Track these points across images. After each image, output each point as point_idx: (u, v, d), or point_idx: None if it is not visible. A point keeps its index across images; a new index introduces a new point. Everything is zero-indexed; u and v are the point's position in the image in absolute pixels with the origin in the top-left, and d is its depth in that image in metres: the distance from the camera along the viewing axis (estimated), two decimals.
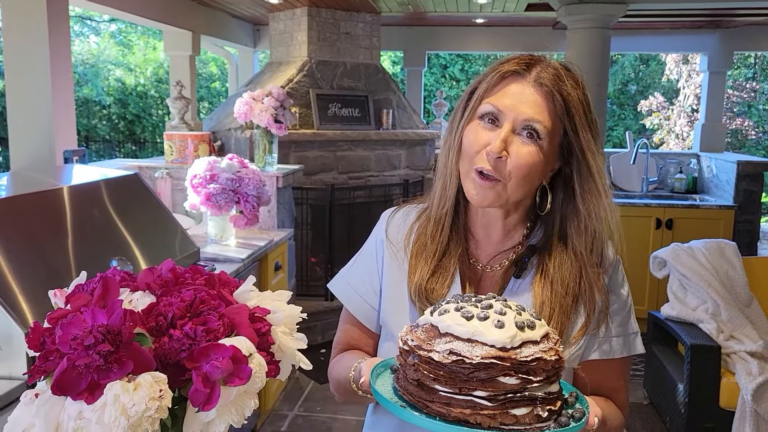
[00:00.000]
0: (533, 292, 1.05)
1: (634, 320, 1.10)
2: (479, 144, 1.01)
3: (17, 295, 1.54)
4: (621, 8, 3.78)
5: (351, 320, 1.17)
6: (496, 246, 1.10)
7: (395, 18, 5.19)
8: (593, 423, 0.86)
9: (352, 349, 1.17)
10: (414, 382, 0.81)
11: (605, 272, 1.07)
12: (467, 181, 1.03)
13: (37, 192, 1.90)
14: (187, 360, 0.65)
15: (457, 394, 0.78)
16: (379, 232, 1.17)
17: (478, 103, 1.03)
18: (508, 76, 1.02)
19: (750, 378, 2.75)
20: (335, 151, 4.48)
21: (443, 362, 0.78)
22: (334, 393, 1.15)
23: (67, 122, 2.89)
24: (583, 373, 1.06)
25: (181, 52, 4.45)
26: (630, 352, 1.08)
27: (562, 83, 1.00)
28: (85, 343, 0.62)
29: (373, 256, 1.16)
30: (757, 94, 11.29)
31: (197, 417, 0.66)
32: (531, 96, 1.00)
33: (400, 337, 0.86)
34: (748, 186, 4.66)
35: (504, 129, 0.99)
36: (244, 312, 0.71)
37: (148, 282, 0.73)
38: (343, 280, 1.19)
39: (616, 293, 1.08)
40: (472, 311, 0.80)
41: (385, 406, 0.84)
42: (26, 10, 2.70)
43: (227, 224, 2.90)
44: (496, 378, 0.77)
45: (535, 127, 0.99)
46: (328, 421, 3.25)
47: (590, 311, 1.03)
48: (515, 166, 0.99)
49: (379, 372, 0.92)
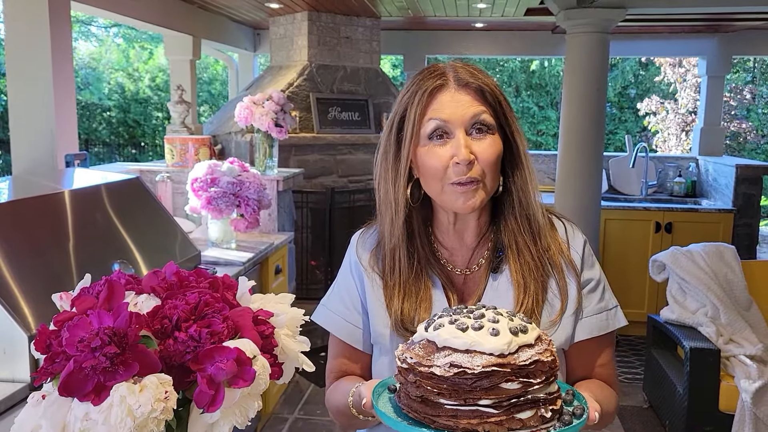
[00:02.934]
0: (512, 277, 1.08)
1: (611, 295, 1.14)
2: (443, 160, 1.03)
3: (19, 299, 1.55)
4: (620, 13, 3.79)
5: (339, 346, 1.18)
6: (470, 248, 1.13)
7: (395, 22, 5.20)
8: (594, 418, 0.88)
9: (346, 376, 1.17)
10: (418, 398, 0.82)
11: (575, 252, 1.11)
12: (447, 196, 1.05)
13: (38, 196, 1.91)
14: (192, 362, 0.66)
15: (463, 405, 0.79)
16: (351, 255, 1.19)
17: (418, 127, 1.04)
18: (434, 92, 1.04)
19: (749, 381, 2.75)
20: (335, 155, 4.49)
21: (445, 376, 0.79)
22: (335, 420, 1.16)
23: (69, 126, 2.90)
24: (572, 354, 1.10)
25: (182, 56, 4.46)
26: (614, 326, 1.12)
27: (479, 74, 1.06)
28: (91, 345, 0.63)
29: (350, 278, 1.17)
30: (756, 97, 11.32)
31: (202, 418, 0.67)
32: (464, 97, 1.04)
33: (398, 356, 0.86)
34: (747, 189, 4.67)
35: (459, 136, 1.02)
36: (247, 315, 0.72)
37: (153, 285, 0.74)
38: (324, 308, 1.20)
39: (589, 271, 1.12)
40: (466, 322, 0.81)
41: (392, 426, 0.84)
42: (28, 14, 2.71)
43: (228, 228, 2.91)
44: (498, 385, 0.78)
45: (483, 119, 1.03)
46: (328, 424, 3.26)
47: (563, 287, 1.08)
48: (486, 163, 1.03)
49: (379, 392, 0.92)
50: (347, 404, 1.03)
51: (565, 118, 4.03)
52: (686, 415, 2.90)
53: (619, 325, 1.13)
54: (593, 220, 4.03)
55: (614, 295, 1.15)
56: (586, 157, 3.95)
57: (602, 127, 4.01)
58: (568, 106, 4.00)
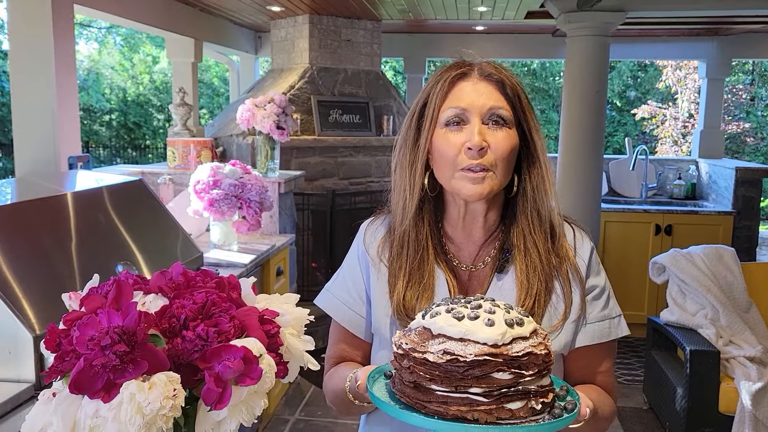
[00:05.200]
0: (516, 276, 1.08)
1: (615, 303, 1.14)
2: (456, 146, 1.04)
3: (23, 300, 1.56)
4: (620, 16, 3.80)
5: (340, 332, 1.18)
6: (477, 244, 1.12)
7: (396, 25, 5.22)
8: (585, 413, 0.89)
9: (345, 362, 1.18)
10: (410, 384, 0.83)
11: (581, 259, 1.11)
12: (456, 182, 1.05)
13: (41, 198, 1.92)
14: (200, 360, 0.67)
15: (454, 392, 0.80)
16: (358, 245, 1.19)
17: (437, 112, 1.06)
18: (456, 80, 1.07)
19: (749, 383, 2.76)
20: (336, 157, 4.50)
21: (438, 362, 0.80)
22: (331, 405, 1.16)
23: (71, 128, 2.91)
24: (571, 359, 1.10)
25: (184, 58, 4.48)
26: (616, 335, 1.12)
27: (503, 70, 1.08)
28: (101, 344, 0.64)
29: (357, 266, 1.17)
30: (756, 100, 11.33)
31: (209, 416, 0.68)
32: (485, 88, 1.05)
33: (394, 341, 0.87)
34: (746, 192, 4.68)
35: (474, 122, 1.03)
36: (254, 314, 0.73)
37: (161, 285, 0.75)
38: (328, 293, 1.20)
39: (594, 278, 1.12)
40: (463, 312, 0.82)
41: (384, 409, 0.85)
42: (32, 17, 2.73)
43: (230, 230, 2.92)
44: (490, 374, 0.79)
45: (500, 113, 1.04)
46: (329, 425, 3.27)
47: (568, 294, 1.07)
48: (499, 154, 1.03)
49: (375, 378, 0.93)
50: (344, 389, 1.04)
51: (565, 120, 4.04)
52: (686, 417, 2.90)
53: (621, 334, 1.12)
54: (593, 222, 4.04)
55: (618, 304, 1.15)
56: (585, 159, 3.97)
57: (602, 129, 4.02)
58: (568, 109, 4.02)
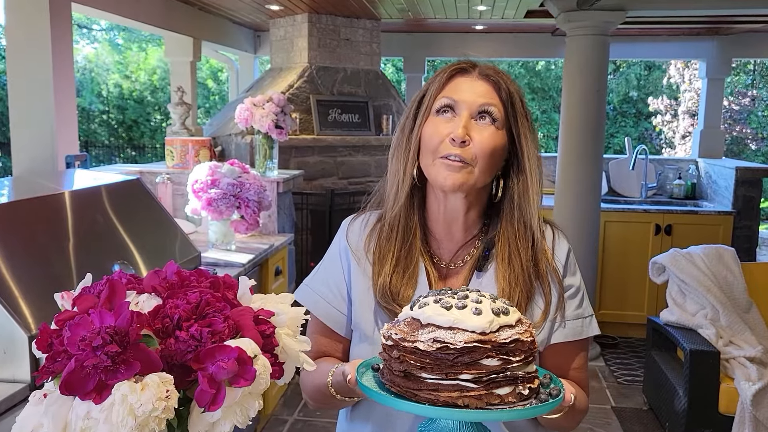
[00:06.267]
0: (497, 282, 1.10)
1: (588, 303, 1.18)
2: (441, 135, 1.06)
3: (19, 300, 1.55)
4: (620, 15, 3.79)
5: (319, 328, 1.18)
6: (457, 243, 1.14)
7: (395, 24, 5.21)
8: (570, 399, 0.93)
9: (323, 357, 1.18)
10: (400, 373, 0.85)
11: (558, 260, 1.14)
12: (434, 168, 1.07)
13: (38, 197, 1.91)
14: (193, 361, 0.66)
15: (444, 379, 0.82)
16: (340, 240, 1.20)
17: (432, 101, 1.09)
18: (456, 74, 1.11)
19: (749, 383, 2.76)
20: (335, 157, 4.49)
21: (429, 350, 0.82)
22: (308, 400, 1.17)
23: (69, 127, 2.90)
24: (547, 355, 1.13)
25: (182, 57, 4.47)
26: (588, 334, 1.15)
27: (503, 75, 1.11)
28: (93, 344, 0.63)
29: (338, 262, 1.18)
30: (756, 100, 11.32)
31: (203, 417, 0.67)
32: (481, 86, 1.08)
33: (383, 333, 0.89)
34: (746, 192, 4.68)
35: (463, 116, 1.06)
36: (248, 314, 0.72)
37: (154, 285, 0.73)
38: (308, 288, 1.21)
39: (570, 278, 1.15)
40: (451, 302, 0.85)
41: (377, 399, 0.86)
42: (29, 16, 2.72)
43: (228, 229, 2.91)
44: (479, 361, 0.81)
45: (490, 110, 1.06)
46: (328, 426, 3.26)
47: (547, 293, 1.10)
48: (480, 150, 1.05)
49: (362, 372, 0.94)
50: (326, 383, 1.04)
51: (565, 120, 4.03)
52: (686, 417, 2.90)
53: (592, 333, 1.16)
54: (593, 222, 4.03)
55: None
56: (585, 159, 3.96)
57: (602, 129, 4.01)
58: (568, 108, 4.01)
